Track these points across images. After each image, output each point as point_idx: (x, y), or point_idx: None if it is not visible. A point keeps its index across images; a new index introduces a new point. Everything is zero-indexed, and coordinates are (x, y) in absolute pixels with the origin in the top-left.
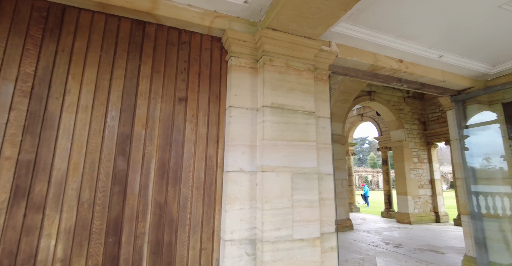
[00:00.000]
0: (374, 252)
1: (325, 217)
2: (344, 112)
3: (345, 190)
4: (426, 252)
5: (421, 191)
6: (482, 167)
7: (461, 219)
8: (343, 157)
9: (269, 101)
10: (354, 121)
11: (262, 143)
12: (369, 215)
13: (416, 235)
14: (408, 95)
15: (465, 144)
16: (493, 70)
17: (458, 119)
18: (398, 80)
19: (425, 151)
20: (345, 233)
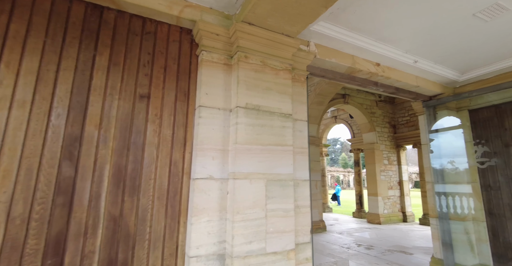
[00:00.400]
0: (347, 255)
1: (300, 226)
2: (320, 114)
3: (319, 192)
4: (396, 253)
5: (390, 192)
6: (450, 171)
7: (430, 221)
8: (317, 158)
9: (243, 101)
10: (328, 123)
11: (235, 147)
12: (341, 215)
13: (386, 236)
14: (380, 99)
15: (435, 149)
16: (461, 77)
17: (429, 124)
18: (374, 84)
19: (394, 153)
20: (319, 235)
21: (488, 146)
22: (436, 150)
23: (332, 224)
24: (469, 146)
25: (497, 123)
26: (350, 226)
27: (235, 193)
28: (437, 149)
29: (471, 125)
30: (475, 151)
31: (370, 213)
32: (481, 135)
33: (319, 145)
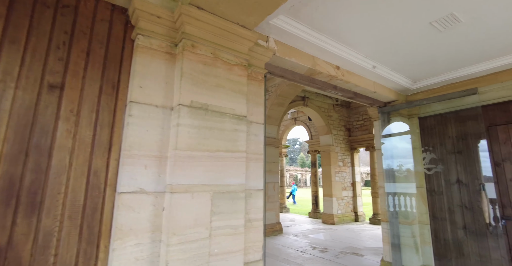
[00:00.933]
0: (302, 260)
1: (251, 243)
2: (280, 115)
3: (277, 193)
4: (348, 255)
5: (344, 193)
6: (400, 176)
7: (381, 225)
8: (276, 159)
9: (187, 99)
10: (288, 125)
11: (174, 153)
12: (298, 215)
13: (339, 237)
14: (337, 103)
15: (388, 154)
16: (413, 86)
17: (383, 130)
18: (333, 87)
19: (348, 156)
20: (275, 238)
21: (435, 153)
22: (388, 155)
23: (288, 225)
24: (417, 152)
25: (442, 131)
26: (306, 227)
27: (172, 210)
28: (389, 154)
29: (420, 132)
30: (424, 157)
31: (325, 214)
32: (428, 142)
33: (278, 146)
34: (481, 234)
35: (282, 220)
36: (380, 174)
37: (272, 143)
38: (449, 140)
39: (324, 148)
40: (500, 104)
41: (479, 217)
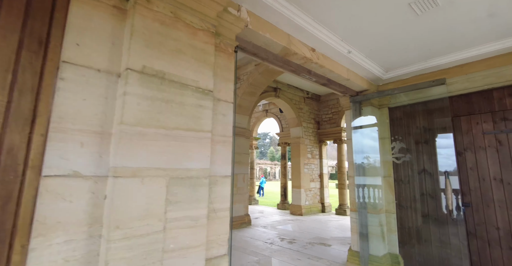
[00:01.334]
0: (270, 251)
1: (215, 236)
2: (251, 105)
3: (246, 185)
4: (316, 245)
5: (312, 184)
6: (370, 166)
7: (350, 215)
8: (246, 150)
9: (138, 62)
10: (259, 117)
11: (120, 129)
12: (267, 207)
13: (307, 228)
14: (307, 96)
15: (358, 144)
16: (385, 75)
17: (354, 120)
18: (308, 72)
19: (317, 148)
20: (243, 230)
21: (404, 142)
22: (358, 145)
23: (257, 217)
24: (387, 142)
25: (411, 121)
26: (274, 218)
27: (117, 198)
28: (360, 144)
29: (390, 122)
30: (393, 147)
31: (293, 205)
32: (398, 132)
33: (249, 137)
34: (443, 221)
35: (251, 212)
36: (350, 163)
37: (242, 134)
38: (417, 130)
39: (294, 140)
40: (464, 96)
41: (442, 205)
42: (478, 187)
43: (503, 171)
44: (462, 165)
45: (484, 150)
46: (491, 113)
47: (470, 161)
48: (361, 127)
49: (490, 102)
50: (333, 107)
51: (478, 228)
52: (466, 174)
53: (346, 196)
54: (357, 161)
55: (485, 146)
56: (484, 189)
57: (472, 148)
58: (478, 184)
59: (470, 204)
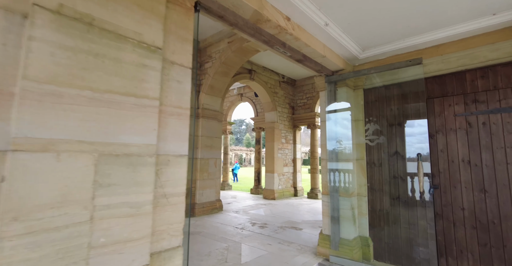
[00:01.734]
0: (240, 237)
1: (166, 225)
2: (224, 87)
3: (218, 170)
4: (287, 229)
5: (285, 169)
6: (343, 148)
7: (322, 198)
8: (219, 134)
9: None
10: (234, 101)
11: (23, 86)
12: (240, 192)
13: (279, 212)
14: (283, 80)
15: (332, 126)
16: (362, 55)
17: (329, 101)
18: (282, 44)
19: (291, 133)
20: (214, 216)
21: (378, 124)
22: (332, 127)
23: (229, 202)
24: (361, 124)
25: (385, 103)
26: (247, 203)
27: (15, 180)
28: (333, 127)
29: (365, 104)
30: (367, 128)
31: (266, 189)
32: (372, 113)
33: (222, 121)
34: (412, 204)
35: (223, 197)
36: (323, 146)
37: (215, 116)
38: (391, 112)
39: (269, 125)
40: (438, 77)
41: (408, 188)
42: (447, 169)
43: (471, 152)
44: (433, 147)
45: (454, 132)
46: (463, 95)
47: (441, 143)
48: (336, 111)
49: (462, 84)
50: (308, 92)
51: (444, 209)
52: (436, 156)
53: (318, 180)
54: (330, 144)
55: (455, 128)
56: (453, 170)
57: (444, 130)
58: (447, 165)
59: (439, 185)
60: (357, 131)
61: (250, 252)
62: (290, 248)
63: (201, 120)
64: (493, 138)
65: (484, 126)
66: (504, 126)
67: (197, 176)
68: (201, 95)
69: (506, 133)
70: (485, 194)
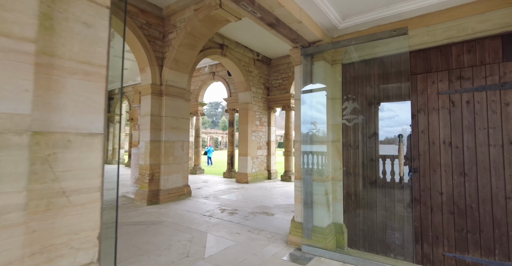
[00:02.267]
0: (207, 226)
1: (67, 235)
2: (191, 62)
3: (186, 154)
4: (259, 215)
5: (259, 152)
6: (318, 130)
7: (294, 183)
8: (186, 115)
9: None
10: (205, 80)
11: None
12: (213, 176)
13: (251, 196)
14: (257, 58)
15: (306, 107)
16: (342, 24)
17: (305, 77)
18: (251, 0)
19: (266, 115)
20: (181, 203)
21: (357, 102)
22: (307, 106)
23: (200, 187)
24: (338, 103)
25: (365, 80)
26: (218, 187)
27: None
28: (308, 105)
29: (343, 80)
30: (345, 107)
31: (239, 173)
32: (350, 91)
33: (189, 100)
34: (389, 188)
35: (194, 182)
36: (297, 127)
37: (181, 95)
38: (370, 90)
39: (243, 106)
40: (422, 51)
41: (390, 171)
42: (427, 151)
43: (453, 134)
44: (414, 128)
45: (437, 111)
46: (448, 71)
47: (422, 124)
48: (312, 88)
49: (447, 59)
50: (283, 73)
51: (423, 194)
52: (417, 138)
53: (292, 162)
54: (304, 124)
55: (438, 107)
56: (433, 153)
57: (426, 109)
58: (428, 147)
59: (418, 169)
60: (333, 110)
61: (216, 243)
62: (260, 237)
63: (165, 99)
64: (476, 118)
65: (468, 105)
66: (489, 105)
67: (161, 160)
68: (165, 70)
69: (490, 112)
70: (464, 177)
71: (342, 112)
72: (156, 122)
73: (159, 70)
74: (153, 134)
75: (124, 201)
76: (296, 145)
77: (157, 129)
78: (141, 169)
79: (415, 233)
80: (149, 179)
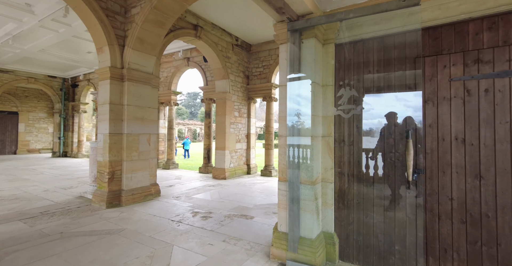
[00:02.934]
0: (174, 235)
1: None
2: (159, 42)
3: (153, 148)
4: (236, 219)
5: (238, 145)
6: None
7: (278, 186)
8: (153, 104)
9: None
10: (179, 66)
11: None
12: (187, 171)
13: (229, 194)
14: (236, 43)
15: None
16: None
17: (292, 57)
18: None
19: (245, 106)
20: (147, 204)
21: (356, 90)
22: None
23: (172, 184)
24: (329, 91)
25: (362, 63)
26: (192, 185)
27: None
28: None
29: (336, 64)
30: (341, 95)
31: (216, 168)
32: (345, 76)
33: (157, 86)
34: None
35: (166, 178)
36: (282, 119)
37: (147, 81)
38: (368, 75)
39: (220, 96)
40: (431, 29)
41: (391, 172)
42: (435, 149)
43: (467, 128)
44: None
45: (448, 101)
46: (463, 53)
47: (430, 116)
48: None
49: (463, 39)
50: (264, 60)
51: (429, 199)
52: (423, 132)
53: (273, 156)
54: (291, 116)
55: (450, 97)
56: (443, 151)
57: (435, 99)
58: (437, 145)
59: (424, 170)
60: (325, 100)
61: (183, 259)
62: (236, 249)
63: (127, 85)
64: (496, 110)
65: (487, 95)
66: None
67: (123, 156)
68: (127, 50)
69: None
70: (480, 180)
71: (337, 101)
72: (116, 112)
73: (120, 50)
74: (113, 126)
75: (80, 203)
76: (281, 140)
77: (118, 120)
78: (100, 166)
79: (418, 245)
80: (108, 178)
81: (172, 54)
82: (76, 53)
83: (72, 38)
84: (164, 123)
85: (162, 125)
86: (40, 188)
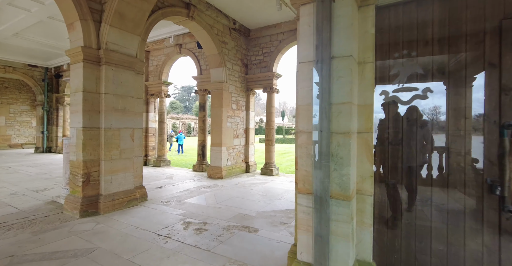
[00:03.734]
0: (159, 258)
1: None
2: (143, 18)
3: (138, 145)
4: (237, 232)
5: (235, 141)
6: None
7: (298, 201)
8: (138, 93)
9: None
10: (170, 54)
11: None
12: (180, 169)
13: (226, 198)
14: (234, 27)
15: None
16: None
17: (319, 20)
18: None
19: (244, 97)
20: (130, 212)
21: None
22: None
23: (161, 185)
24: (369, 69)
25: (417, 32)
26: (185, 186)
27: None
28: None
29: (376, 35)
30: (396, 72)
31: (212, 166)
32: (396, 48)
33: (141, 73)
34: (457, 209)
35: (155, 178)
36: (302, 109)
37: (129, 65)
38: (425, 49)
39: (216, 86)
40: None
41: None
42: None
43: None
44: (508, 111)
45: None
46: None
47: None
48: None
49: None
50: (264, 47)
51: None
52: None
53: (274, 153)
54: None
55: None
56: None
57: None
58: None
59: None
60: (362, 82)
61: None
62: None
63: (105, 69)
64: None
65: None
66: None
67: (100, 155)
68: (104, 27)
69: None
70: None
71: (391, 82)
72: (92, 102)
73: (96, 27)
74: (87, 118)
75: (49, 211)
76: (301, 137)
77: (93, 111)
78: (72, 166)
79: None
80: (83, 181)
81: (163, 40)
82: (55, 39)
83: (48, 20)
84: (155, 117)
85: (152, 119)
86: (6, 191)
